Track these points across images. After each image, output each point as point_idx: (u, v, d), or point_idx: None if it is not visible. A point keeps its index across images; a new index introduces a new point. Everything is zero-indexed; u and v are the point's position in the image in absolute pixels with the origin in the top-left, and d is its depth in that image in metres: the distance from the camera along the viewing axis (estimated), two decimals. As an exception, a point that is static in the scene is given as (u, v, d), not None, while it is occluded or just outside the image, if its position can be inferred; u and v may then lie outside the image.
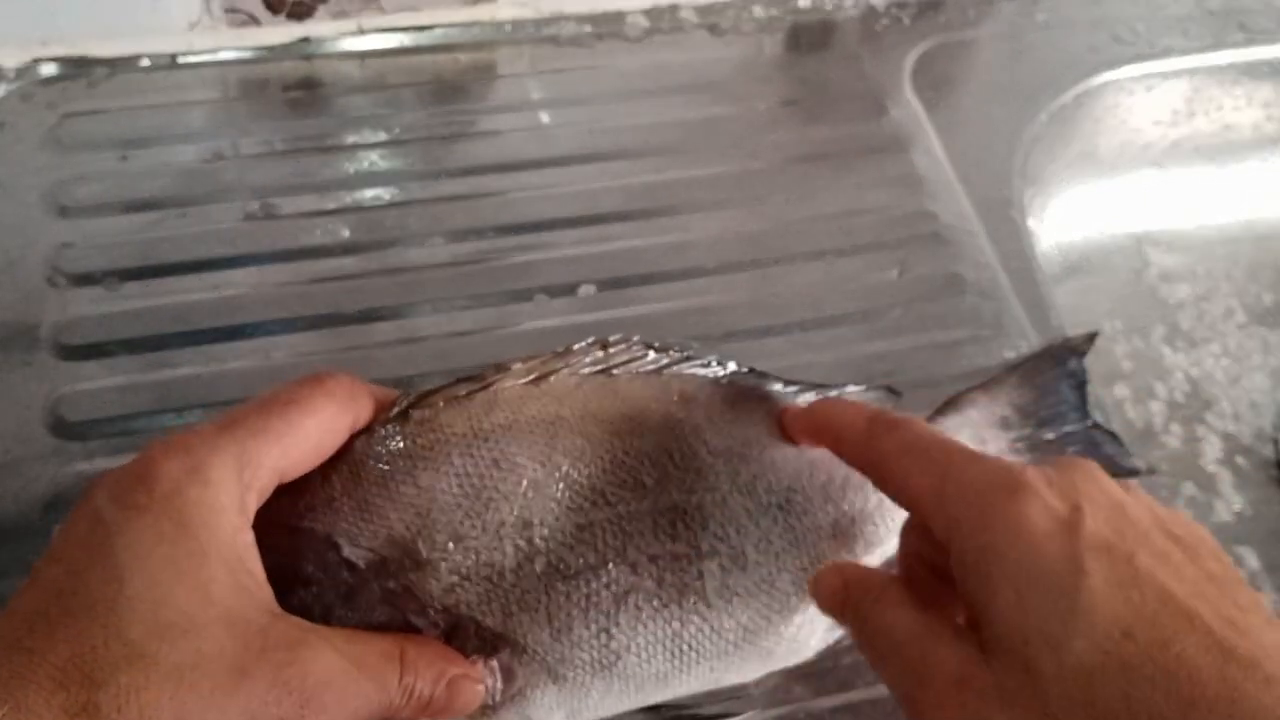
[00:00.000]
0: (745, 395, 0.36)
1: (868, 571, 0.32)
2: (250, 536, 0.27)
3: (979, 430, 0.39)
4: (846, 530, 0.35)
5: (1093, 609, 0.24)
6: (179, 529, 0.26)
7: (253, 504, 0.28)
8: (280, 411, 0.29)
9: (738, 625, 0.33)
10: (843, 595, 0.31)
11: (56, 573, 0.25)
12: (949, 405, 0.39)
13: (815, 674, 0.37)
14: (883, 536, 0.36)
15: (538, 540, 0.30)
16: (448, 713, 0.29)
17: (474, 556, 0.30)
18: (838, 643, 0.36)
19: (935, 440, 0.30)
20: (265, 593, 0.27)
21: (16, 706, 0.23)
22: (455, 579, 0.30)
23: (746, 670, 0.34)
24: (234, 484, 0.27)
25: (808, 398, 0.37)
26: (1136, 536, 0.26)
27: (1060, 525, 0.26)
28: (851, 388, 0.37)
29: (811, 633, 0.34)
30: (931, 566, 0.31)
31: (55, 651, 0.24)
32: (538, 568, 0.30)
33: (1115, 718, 0.24)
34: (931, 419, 0.39)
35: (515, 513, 0.31)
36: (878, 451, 0.31)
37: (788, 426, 0.35)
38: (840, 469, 0.35)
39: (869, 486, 0.35)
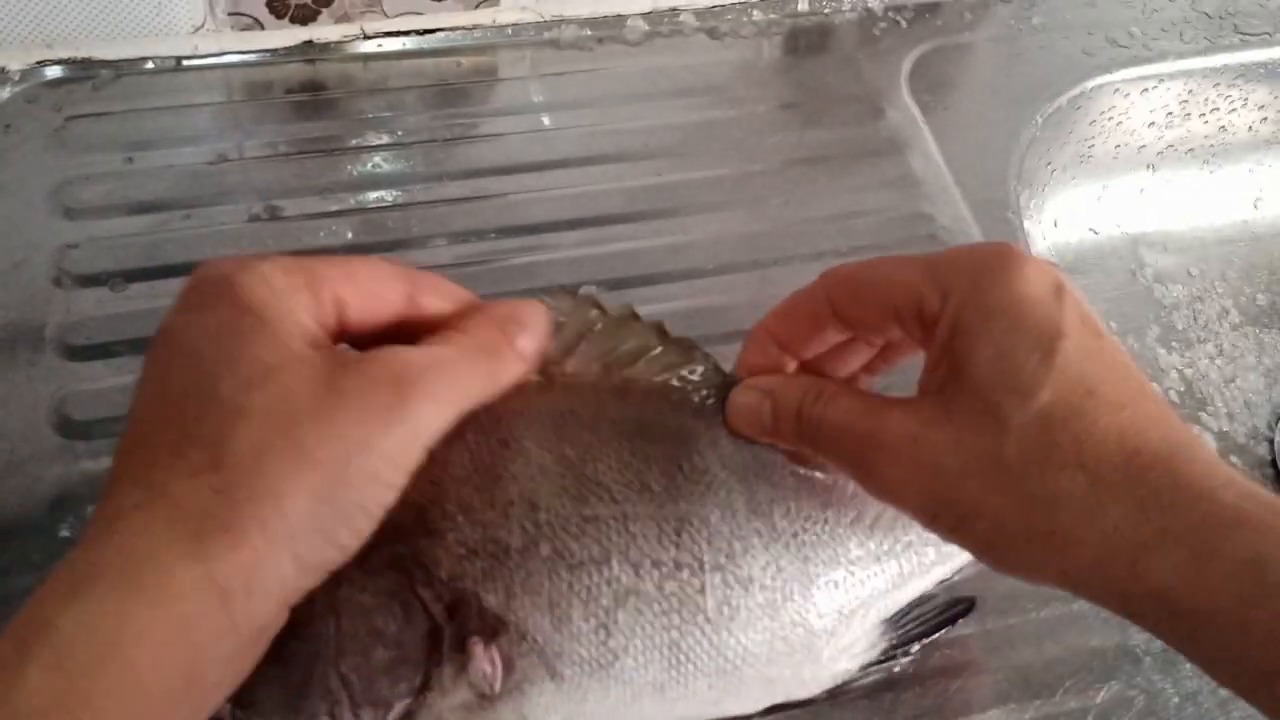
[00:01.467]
0: None
1: (795, 378, 0.33)
2: (298, 307, 0.27)
3: None
4: (867, 569, 0.35)
5: (1066, 365, 0.27)
6: (237, 310, 0.26)
7: (305, 300, 0.28)
8: (330, 258, 0.29)
9: (739, 645, 0.32)
10: (770, 409, 0.32)
11: (148, 389, 0.27)
12: None
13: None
14: (907, 576, 0.36)
15: (543, 524, 0.31)
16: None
17: (480, 531, 0.31)
18: (848, 682, 0.35)
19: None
20: (328, 342, 0.28)
21: (149, 488, 0.25)
22: (462, 551, 0.30)
23: (747, 697, 0.34)
24: (280, 275, 0.27)
25: None
26: (1102, 329, 0.29)
27: (1050, 290, 0.28)
28: None
29: (820, 670, 0.34)
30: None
31: (167, 433, 0.25)
32: (542, 552, 0.31)
33: (1066, 462, 0.26)
34: None
35: (521, 493, 0.31)
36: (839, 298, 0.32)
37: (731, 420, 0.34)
38: (872, 507, 0.35)
39: (899, 528, 0.35)
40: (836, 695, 0.36)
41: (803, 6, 0.62)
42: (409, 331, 0.30)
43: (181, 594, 0.24)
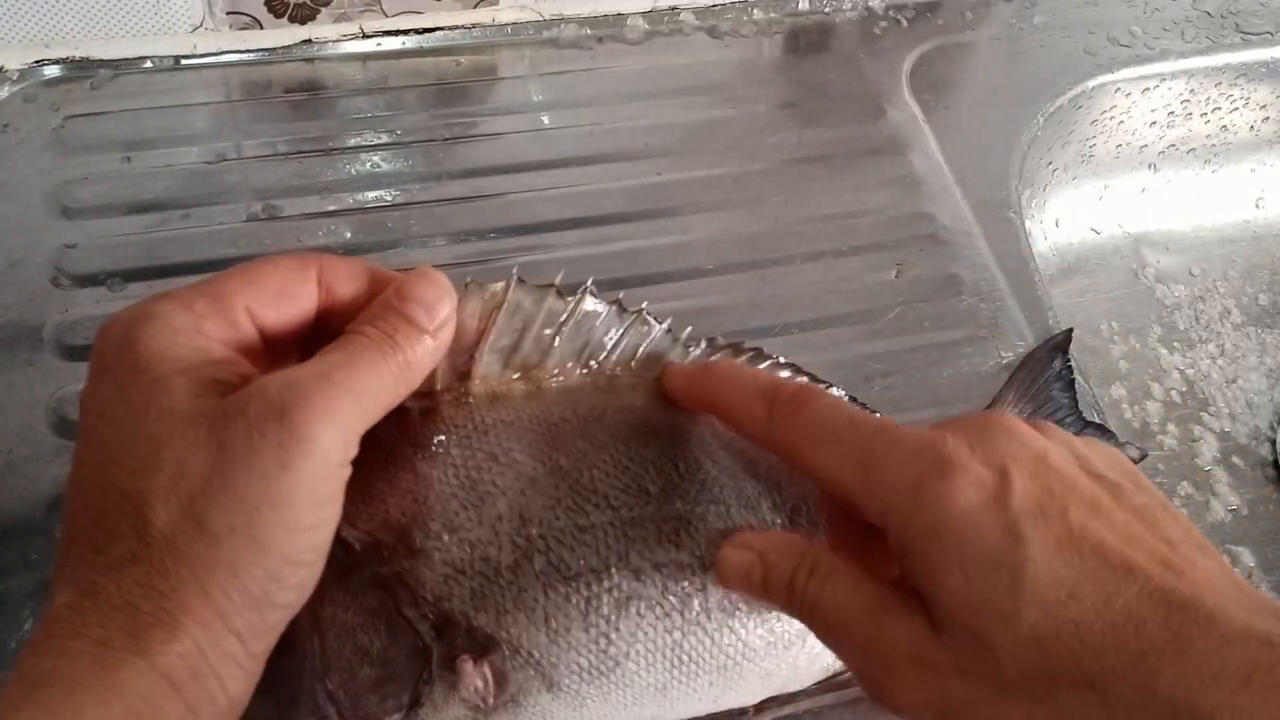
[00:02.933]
0: None
1: (788, 541, 0.30)
2: (204, 343, 0.27)
3: None
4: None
5: (1037, 577, 0.25)
6: (132, 373, 0.26)
7: (215, 328, 0.27)
8: (233, 269, 0.29)
9: (739, 641, 0.32)
10: (762, 572, 0.30)
11: (72, 478, 0.27)
12: None
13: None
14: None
15: (535, 538, 0.30)
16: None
17: (468, 550, 0.30)
18: (841, 671, 0.35)
19: (845, 419, 0.29)
20: (238, 374, 0.27)
21: (77, 587, 0.24)
22: (449, 570, 0.30)
23: (745, 691, 0.34)
24: (182, 314, 0.27)
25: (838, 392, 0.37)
26: (1064, 489, 0.26)
27: (991, 497, 0.26)
28: None
29: (813, 659, 0.34)
30: (857, 520, 0.30)
31: (86, 528, 0.25)
32: (536, 566, 0.30)
33: (1070, 679, 0.24)
34: None
35: (512, 508, 0.30)
36: (786, 438, 0.30)
37: (668, 388, 0.33)
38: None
39: None
40: (826, 687, 0.36)
41: (803, 5, 0.62)
42: (331, 320, 0.29)
43: (129, 688, 0.23)
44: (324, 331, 0.29)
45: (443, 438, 0.31)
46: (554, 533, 0.30)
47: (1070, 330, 0.45)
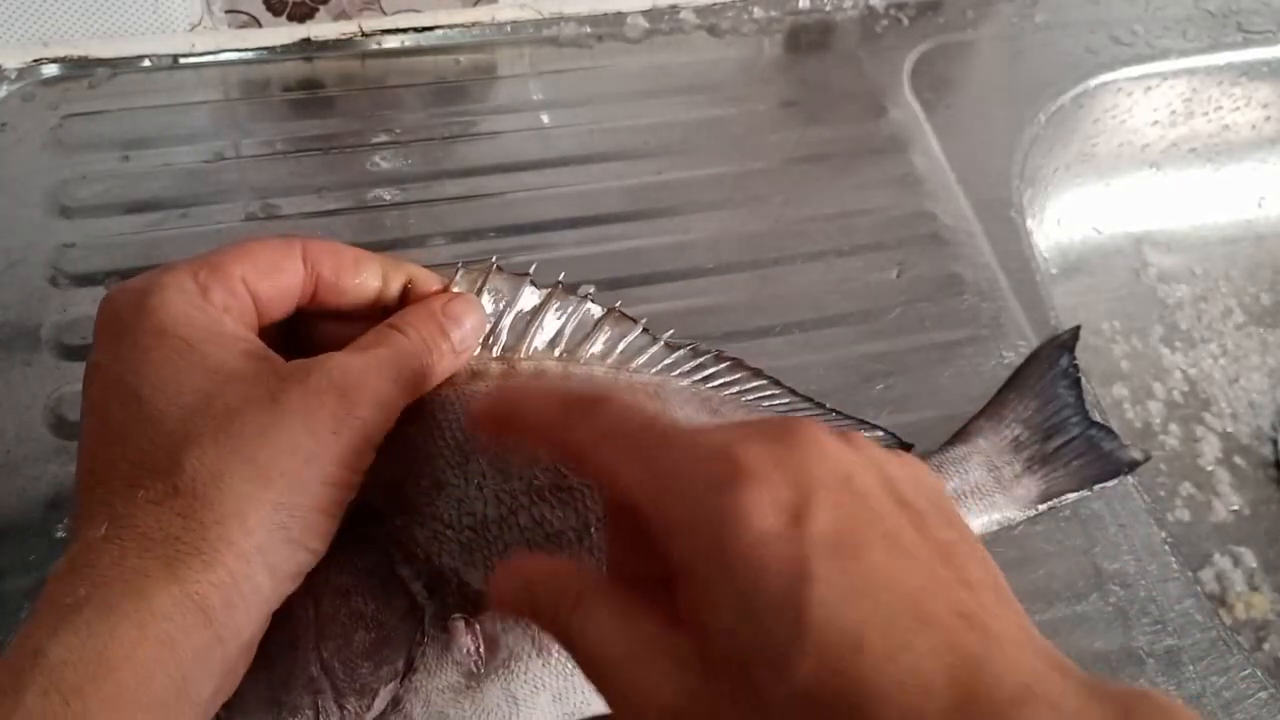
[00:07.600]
0: (723, 401, 0.36)
1: (558, 568, 0.27)
2: (216, 314, 0.29)
3: (992, 458, 0.39)
4: None
5: (823, 623, 0.22)
6: (159, 336, 0.28)
7: (219, 297, 0.29)
8: (226, 246, 0.31)
9: None
10: (530, 599, 0.26)
11: (91, 427, 0.28)
12: (959, 436, 0.40)
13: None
14: None
15: (519, 493, 0.32)
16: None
17: (456, 505, 0.31)
18: None
19: (640, 422, 0.26)
20: (260, 346, 0.29)
21: (113, 520, 0.26)
22: (438, 526, 0.31)
23: None
24: (189, 283, 0.29)
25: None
26: (868, 519, 0.24)
27: (787, 522, 0.23)
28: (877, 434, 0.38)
29: None
30: (648, 556, 0.26)
31: (120, 467, 0.27)
32: (521, 521, 0.31)
33: None
34: (941, 450, 0.39)
35: (493, 464, 0.32)
36: (575, 441, 0.27)
37: (473, 419, 0.31)
38: None
39: None
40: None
41: (804, 4, 0.61)
42: (315, 294, 0.32)
43: (163, 614, 0.25)
44: (309, 304, 0.32)
45: (427, 406, 0.33)
46: (535, 489, 0.32)
47: (1078, 328, 0.45)
